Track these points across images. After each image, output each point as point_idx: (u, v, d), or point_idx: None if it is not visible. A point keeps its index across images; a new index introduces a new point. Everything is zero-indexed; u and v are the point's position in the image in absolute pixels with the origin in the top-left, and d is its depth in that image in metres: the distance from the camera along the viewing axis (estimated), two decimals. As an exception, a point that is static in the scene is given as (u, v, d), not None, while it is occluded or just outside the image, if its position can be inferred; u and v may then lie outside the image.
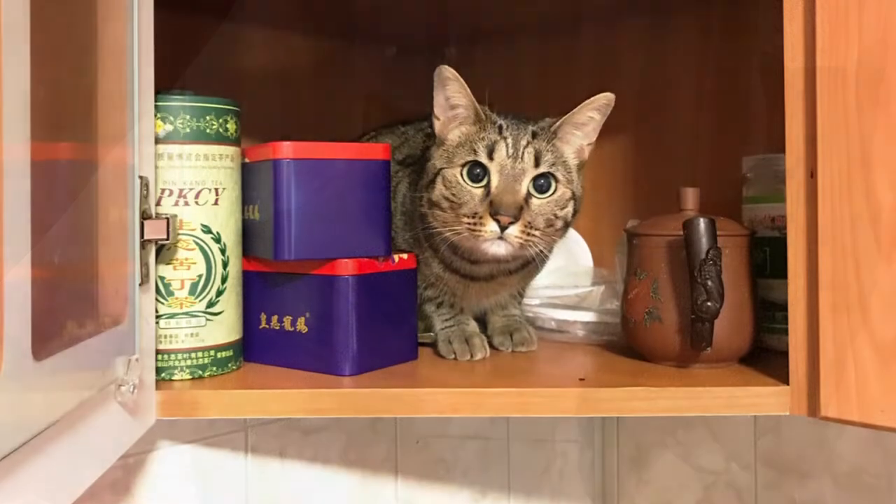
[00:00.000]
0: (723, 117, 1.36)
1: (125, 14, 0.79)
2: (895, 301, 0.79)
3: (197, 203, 0.94)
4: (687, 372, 0.98)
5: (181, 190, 0.93)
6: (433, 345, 1.11)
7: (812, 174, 0.84)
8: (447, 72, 1.01)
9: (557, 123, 1.02)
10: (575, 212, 1.04)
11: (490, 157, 1.00)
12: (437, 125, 1.05)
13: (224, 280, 0.97)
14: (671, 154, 1.41)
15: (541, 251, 1.01)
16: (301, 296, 1.01)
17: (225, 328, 0.98)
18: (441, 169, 1.02)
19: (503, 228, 0.97)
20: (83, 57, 0.72)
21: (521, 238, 0.98)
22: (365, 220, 1.02)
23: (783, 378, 0.89)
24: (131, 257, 0.82)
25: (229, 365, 0.99)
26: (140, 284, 0.83)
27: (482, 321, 1.18)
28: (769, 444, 1.41)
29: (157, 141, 0.91)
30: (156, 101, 0.89)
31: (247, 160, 1.01)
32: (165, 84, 0.92)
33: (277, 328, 1.02)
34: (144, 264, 0.84)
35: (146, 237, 0.84)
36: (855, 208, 0.81)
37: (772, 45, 0.92)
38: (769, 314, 1.06)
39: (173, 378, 0.94)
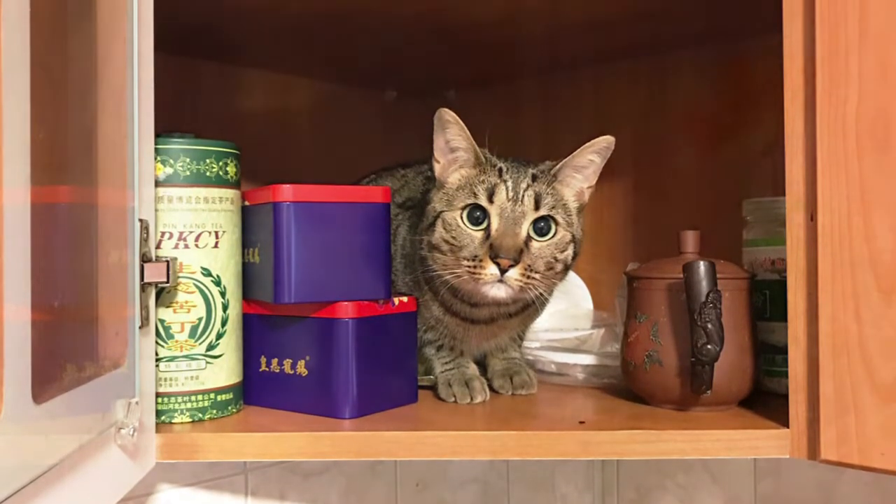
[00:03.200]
0: (723, 160, 1.37)
1: (125, 57, 0.80)
2: (895, 344, 0.79)
3: (197, 246, 0.94)
4: (687, 415, 0.98)
5: (181, 233, 0.93)
6: (433, 388, 1.11)
7: (812, 217, 0.84)
8: (447, 115, 1.02)
9: (557, 166, 1.03)
10: (575, 254, 1.04)
11: (490, 199, 1.00)
12: (438, 168, 1.05)
13: (224, 323, 0.97)
14: (671, 197, 1.41)
15: (541, 294, 1.01)
16: (301, 339, 1.00)
17: (225, 371, 0.97)
18: (441, 212, 1.02)
19: (503, 271, 0.97)
20: (83, 100, 0.72)
21: (521, 281, 0.97)
22: (365, 263, 1.02)
23: (783, 421, 0.89)
24: (131, 300, 0.81)
25: (229, 408, 0.98)
26: (140, 327, 0.82)
27: (482, 364, 1.18)
28: (769, 487, 1.40)
29: (158, 184, 0.91)
30: (156, 144, 0.89)
31: (247, 203, 1.01)
32: (165, 127, 0.92)
33: (277, 371, 1.02)
34: (144, 307, 0.84)
35: (146, 280, 0.84)
36: (855, 251, 0.81)
37: (771, 86, 0.92)
38: (769, 357, 1.06)
39: (173, 421, 0.94)
